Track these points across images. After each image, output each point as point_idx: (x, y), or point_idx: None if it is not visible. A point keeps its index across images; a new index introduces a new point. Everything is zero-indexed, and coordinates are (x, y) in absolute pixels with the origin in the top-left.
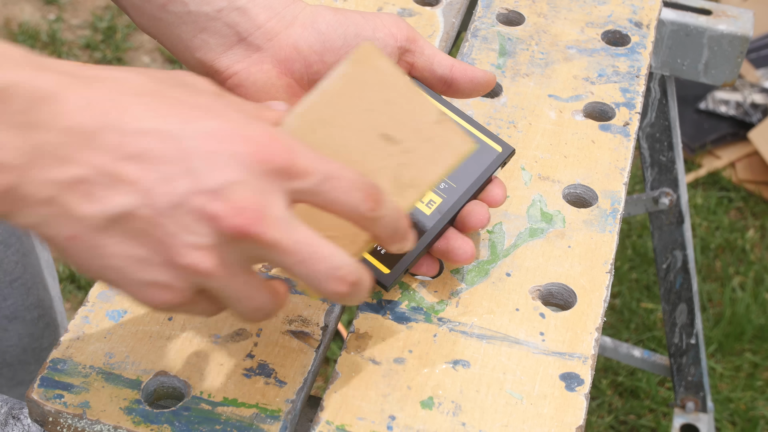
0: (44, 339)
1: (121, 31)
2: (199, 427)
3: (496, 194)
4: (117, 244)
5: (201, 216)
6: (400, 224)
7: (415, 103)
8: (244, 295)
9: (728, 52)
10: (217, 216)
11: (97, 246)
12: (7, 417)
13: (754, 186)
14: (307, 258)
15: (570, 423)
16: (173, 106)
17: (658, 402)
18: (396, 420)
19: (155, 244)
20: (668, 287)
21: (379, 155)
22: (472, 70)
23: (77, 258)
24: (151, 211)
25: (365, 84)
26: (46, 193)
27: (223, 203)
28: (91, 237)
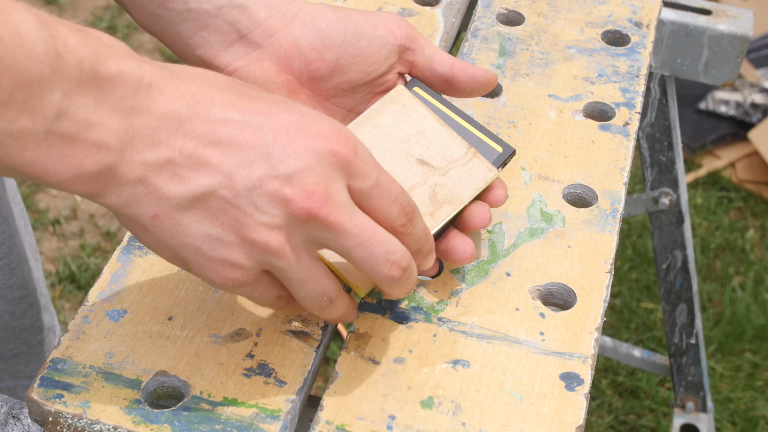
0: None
1: (121, 31)
2: (199, 426)
3: (498, 194)
4: (196, 222)
5: (274, 198)
6: (425, 245)
7: (446, 137)
8: (308, 278)
9: (728, 52)
10: (289, 199)
11: (178, 224)
12: (7, 417)
13: (754, 186)
14: (366, 241)
15: (570, 423)
16: (254, 101)
17: (658, 402)
18: (396, 420)
19: (231, 222)
20: (668, 287)
21: (417, 175)
22: (473, 69)
23: (157, 237)
24: (230, 192)
25: (399, 118)
26: (138, 173)
27: (294, 188)
28: (173, 215)
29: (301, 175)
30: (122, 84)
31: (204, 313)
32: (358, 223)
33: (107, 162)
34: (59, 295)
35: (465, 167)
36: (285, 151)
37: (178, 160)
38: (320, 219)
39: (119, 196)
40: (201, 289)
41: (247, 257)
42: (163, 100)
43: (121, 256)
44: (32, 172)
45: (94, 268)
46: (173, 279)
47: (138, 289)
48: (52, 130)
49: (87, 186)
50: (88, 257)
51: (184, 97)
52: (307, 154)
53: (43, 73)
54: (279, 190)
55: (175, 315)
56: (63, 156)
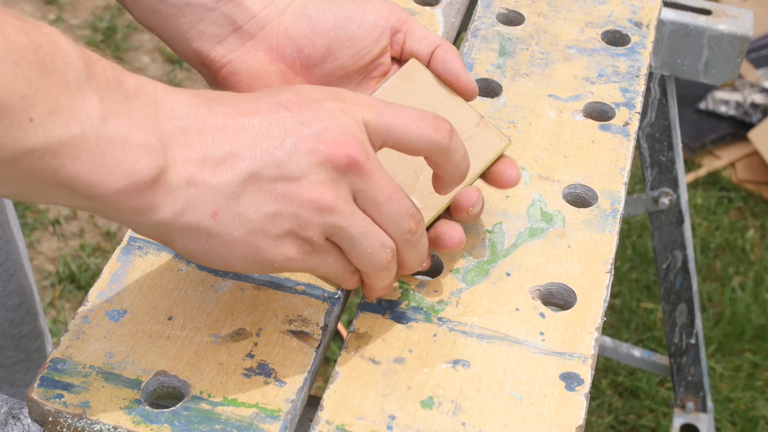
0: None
1: (121, 31)
2: (199, 426)
3: (509, 175)
4: (252, 206)
5: (313, 156)
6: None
7: (457, 109)
8: (368, 229)
9: (728, 52)
10: (325, 153)
11: (237, 214)
12: (7, 417)
13: (754, 186)
14: (393, 193)
15: (570, 423)
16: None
17: (658, 402)
18: (396, 420)
19: (283, 193)
20: (668, 287)
21: None
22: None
23: (222, 236)
24: (272, 165)
25: (411, 93)
26: (185, 174)
27: (326, 143)
28: (230, 206)
29: (326, 131)
30: (143, 93)
31: (204, 313)
32: (384, 175)
33: (159, 164)
34: (59, 295)
35: (475, 139)
36: (302, 118)
37: (214, 152)
38: (359, 164)
39: (174, 204)
40: (201, 289)
41: (309, 223)
42: (181, 103)
43: (121, 256)
44: (86, 183)
45: (94, 268)
46: (173, 279)
47: (138, 289)
48: (101, 135)
49: (142, 197)
50: (88, 257)
51: (198, 96)
52: (322, 114)
53: (80, 79)
54: (314, 147)
55: (175, 315)
56: (117, 162)
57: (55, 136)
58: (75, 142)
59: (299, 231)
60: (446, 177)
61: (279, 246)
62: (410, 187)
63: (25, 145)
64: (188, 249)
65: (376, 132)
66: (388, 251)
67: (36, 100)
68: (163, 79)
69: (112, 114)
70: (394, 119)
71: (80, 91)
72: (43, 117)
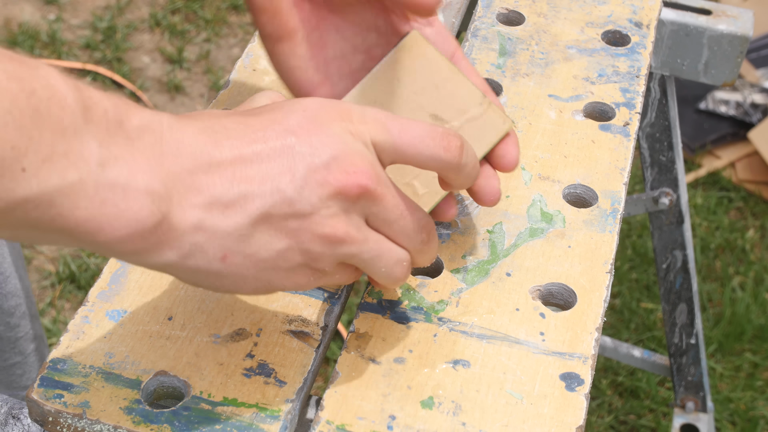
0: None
1: (121, 31)
2: (199, 427)
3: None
4: (263, 245)
5: (324, 189)
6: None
7: (460, 87)
8: (381, 252)
9: (728, 52)
10: (336, 184)
11: (248, 255)
12: (7, 417)
13: (754, 186)
14: (404, 210)
15: (570, 423)
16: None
17: (658, 402)
18: (396, 420)
19: (294, 229)
20: (668, 287)
21: None
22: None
23: (233, 276)
24: (283, 202)
25: (413, 70)
26: (193, 219)
27: (336, 173)
28: (240, 248)
29: (336, 160)
30: (148, 132)
31: (204, 313)
32: (395, 193)
33: (162, 210)
34: (59, 295)
35: (479, 121)
36: (311, 146)
37: (222, 194)
38: (369, 192)
39: (180, 248)
40: (201, 289)
41: (321, 256)
42: (187, 141)
43: None
44: (86, 231)
45: (94, 268)
46: (173, 279)
47: (138, 289)
48: (101, 182)
49: (145, 242)
50: (88, 257)
51: (204, 132)
52: (330, 139)
53: (77, 124)
54: (324, 180)
55: (175, 315)
56: (118, 210)
57: (50, 185)
58: (72, 190)
59: (311, 263)
60: (456, 185)
61: (290, 277)
62: (413, 173)
63: (17, 196)
64: (196, 284)
65: (385, 152)
66: (403, 265)
67: (29, 148)
68: (163, 79)
69: (113, 159)
70: (403, 138)
71: (77, 136)
72: (37, 166)
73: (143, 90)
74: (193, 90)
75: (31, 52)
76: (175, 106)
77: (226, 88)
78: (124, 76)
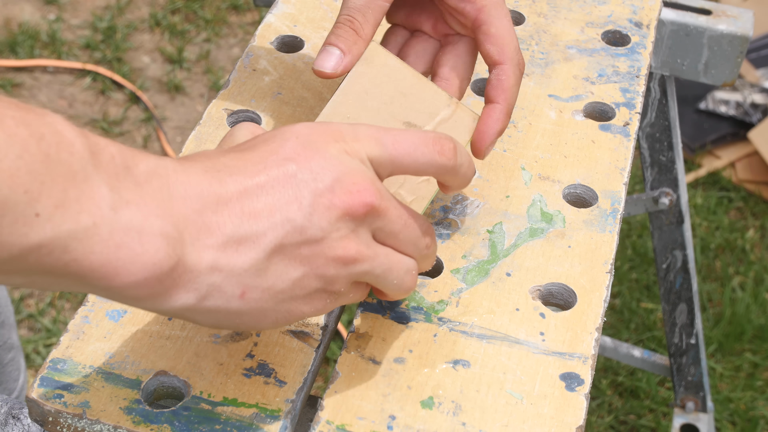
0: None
1: (121, 31)
2: (199, 426)
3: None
4: (279, 276)
5: (332, 212)
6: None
7: (426, 91)
8: (391, 264)
9: (728, 52)
10: (342, 206)
11: (265, 289)
12: (7, 417)
13: (754, 186)
14: (407, 219)
15: (570, 423)
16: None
17: (658, 402)
18: (396, 420)
19: (308, 257)
20: (668, 287)
21: None
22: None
23: (252, 312)
24: (294, 231)
25: (379, 81)
26: (209, 260)
27: (341, 194)
28: (257, 283)
29: (338, 182)
30: (155, 177)
31: None
32: (397, 205)
33: (178, 253)
34: (59, 295)
35: (450, 122)
36: (312, 171)
37: (234, 232)
38: (375, 208)
39: (198, 290)
40: None
41: (336, 278)
42: (193, 183)
43: None
44: (102, 276)
45: None
46: None
47: None
48: (114, 226)
49: (161, 286)
50: None
51: (207, 171)
52: (329, 162)
53: (87, 169)
54: (331, 203)
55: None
56: (135, 254)
57: (64, 230)
58: (86, 234)
59: (327, 287)
60: (455, 187)
61: (308, 302)
62: (397, 182)
63: (32, 241)
64: (215, 325)
65: (382, 166)
66: (412, 274)
67: (42, 193)
68: (163, 79)
69: (124, 203)
70: (397, 149)
71: (88, 181)
72: (50, 211)
73: (143, 90)
74: (193, 90)
75: (31, 52)
76: (175, 106)
77: (226, 88)
78: (124, 76)
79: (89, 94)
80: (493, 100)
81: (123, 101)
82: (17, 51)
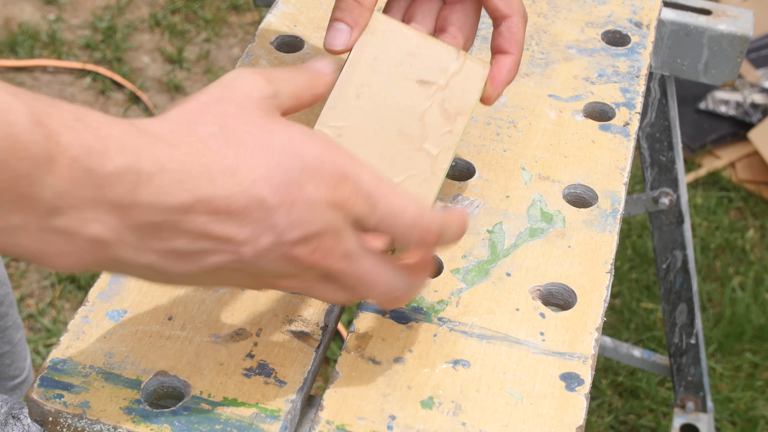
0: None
1: (121, 31)
2: (199, 426)
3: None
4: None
5: (285, 259)
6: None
7: (433, 48)
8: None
9: (728, 52)
10: (297, 257)
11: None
12: (7, 417)
13: (754, 186)
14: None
15: (570, 423)
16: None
17: (658, 402)
18: (396, 420)
19: (247, 277)
20: (668, 287)
21: (422, 98)
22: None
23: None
24: (239, 264)
25: (386, 46)
26: (147, 261)
27: (302, 248)
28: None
29: (306, 239)
30: (120, 181)
31: (204, 313)
32: (359, 269)
33: (108, 255)
34: (59, 295)
35: (462, 73)
36: (288, 220)
37: (183, 248)
38: (325, 267)
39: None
40: (201, 289)
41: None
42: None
43: None
44: (28, 260)
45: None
46: None
47: (138, 289)
48: (46, 227)
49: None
50: None
51: (184, 183)
52: (309, 216)
53: (34, 175)
54: (288, 252)
55: (175, 315)
56: (60, 252)
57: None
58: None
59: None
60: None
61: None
62: (421, 137)
63: None
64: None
65: (366, 226)
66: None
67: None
68: (163, 79)
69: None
70: (386, 222)
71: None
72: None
73: (143, 90)
74: (193, 90)
75: (31, 52)
76: None
77: None
78: (124, 76)
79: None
80: (507, 51)
81: (123, 101)
82: (17, 51)
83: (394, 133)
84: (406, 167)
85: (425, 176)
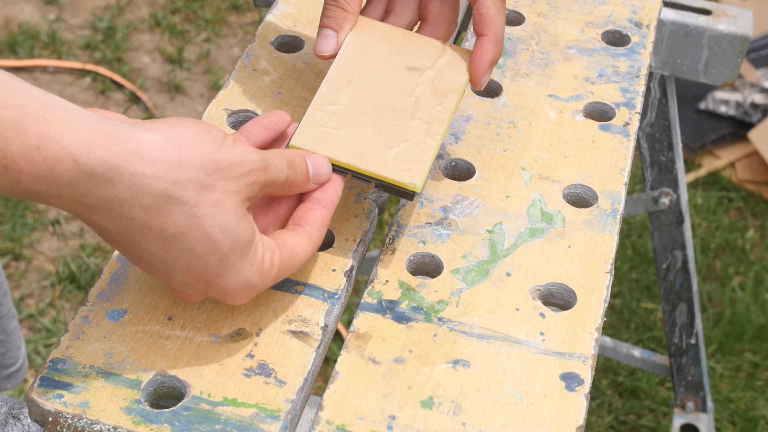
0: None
1: (121, 31)
2: (199, 426)
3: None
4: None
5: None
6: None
7: (419, 42)
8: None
9: (728, 52)
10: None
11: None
12: (7, 417)
13: (754, 186)
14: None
15: (570, 423)
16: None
17: (658, 402)
18: (396, 420)
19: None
20: (668, 287)
21: (413, 80)
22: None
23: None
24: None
25: (374, 42)
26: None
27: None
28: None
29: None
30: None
31: (204, 313)
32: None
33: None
34: (59, 295)
35: (447, 57)
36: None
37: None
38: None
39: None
40: None
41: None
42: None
43: (120, 257)
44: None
45: (94, 268)
46: None
47: (138, 289)
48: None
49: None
50: (88, 257)
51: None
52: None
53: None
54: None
55: (175, 315)
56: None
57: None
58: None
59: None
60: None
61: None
62: (414, 111)
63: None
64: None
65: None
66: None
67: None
68: (163, 79)
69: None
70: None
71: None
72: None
73: (143, 90)
74: (193, 90)
75: (31, 52)
76: (175, 106)
77: (226, 88)
78: (124, 76)
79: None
80: (481, 32)
81: (123, 101)
82: (17, 51)
83: (387, 109)
84: (401, 136)
85: (421, 141)
